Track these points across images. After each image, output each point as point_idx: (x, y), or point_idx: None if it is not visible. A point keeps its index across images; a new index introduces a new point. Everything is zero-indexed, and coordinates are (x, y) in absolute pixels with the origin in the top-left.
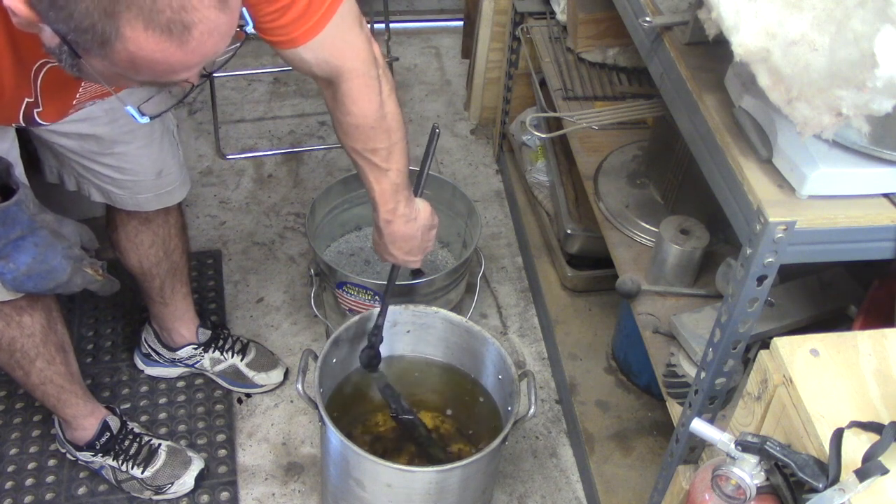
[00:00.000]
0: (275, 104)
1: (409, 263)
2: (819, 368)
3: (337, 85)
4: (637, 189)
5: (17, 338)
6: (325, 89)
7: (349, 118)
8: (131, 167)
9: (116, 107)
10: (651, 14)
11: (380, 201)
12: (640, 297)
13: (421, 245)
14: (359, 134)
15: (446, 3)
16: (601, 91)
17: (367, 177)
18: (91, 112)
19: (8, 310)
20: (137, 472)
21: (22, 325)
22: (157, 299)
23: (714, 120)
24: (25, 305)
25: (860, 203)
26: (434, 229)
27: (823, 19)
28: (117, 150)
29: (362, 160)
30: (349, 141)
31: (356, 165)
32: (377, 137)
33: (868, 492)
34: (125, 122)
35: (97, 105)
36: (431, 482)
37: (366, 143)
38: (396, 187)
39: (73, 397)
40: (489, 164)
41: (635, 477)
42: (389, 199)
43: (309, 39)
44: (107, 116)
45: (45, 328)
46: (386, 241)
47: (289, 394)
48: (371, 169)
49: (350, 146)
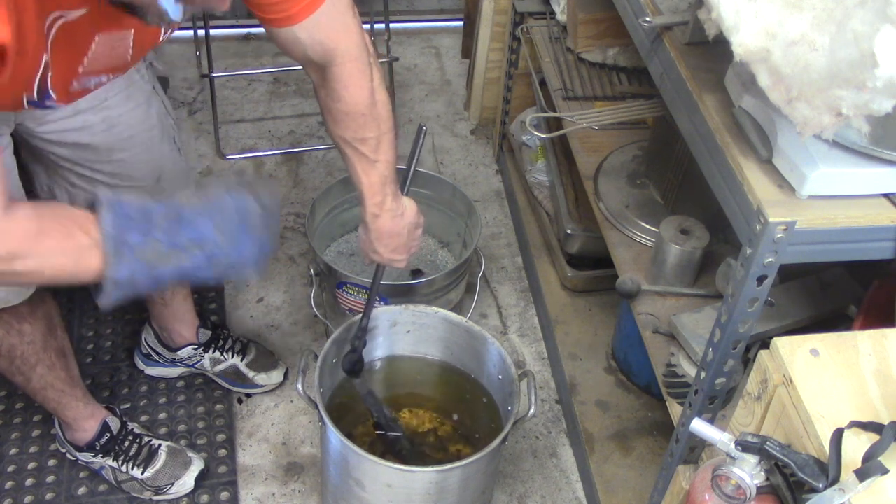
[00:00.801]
0: (275, 104)
1: (394, 263)
2: (819, 368)
3: (329, 69)
4: (637, 189)
5: (16, 345)
6: (317, 76)
7: (340, 105)
8: (129, 173)
9: (113, 115)
10: (651, 14)
11: (368, 194)
12: (640, 297)
13: (407, 243)
14: (349, 122)
15: (446, 3)
16: (601, 91)
17: (355, 168)
18: (87, 120)
19: (7, 317)
20: (137, 473)
21: (22, 333)
22: (158, 300)
23: (714, 120)
24: (26, 313)
25: (860, 203)
26: (420, 228)
27: (823, 19)
28: (115, 157)
29: (351, 150)
30: (339, 130)
31: (345, 157)
32: (367, 126)
33: (868, 492)
34: (122, 129)
35: (93, 113)
36: (431, 482)
37: (356, 131)
38: (385, 180)
39: (74, 400)
40: (489, 164)
41: (635, 477)
42: (377, 192)
43: (306, 16)
44: (103, 124)
45: (45, 335)
46: (372, 238)
47: (289, 394)
48: (360, 160)
49: (340, 135)
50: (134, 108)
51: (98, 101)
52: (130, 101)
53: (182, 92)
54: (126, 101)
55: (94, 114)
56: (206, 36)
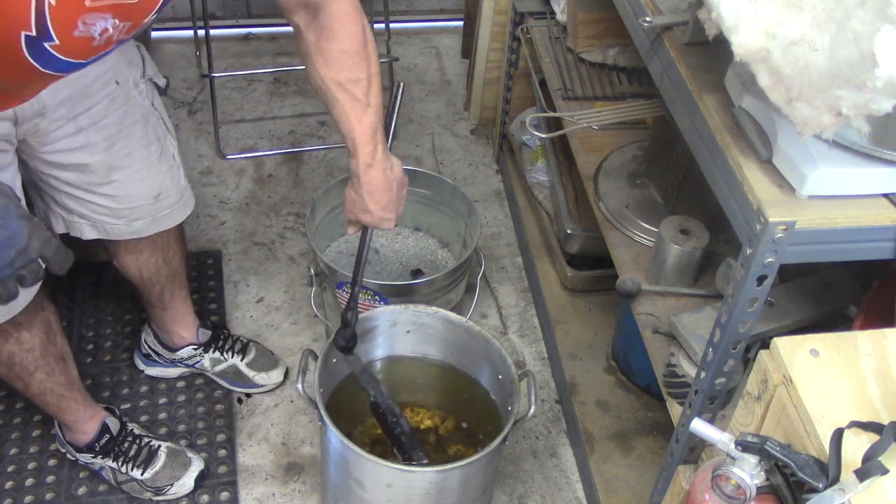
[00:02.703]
0: (275, 104)
1: (383, 223)
2: (819, 368)
3: (324, 8)
4: (637, 189)
5: (15, 353)
6: (306, 18)
7: (336, 43)
8: (128, 194)
9: (112, 132)
10: (651, 14)
11: (360, 143)
12: (640, 297)
13: (396, 201)
14: (345, 60)
15: (446, 3)
16: (601, 91)
17: (347, 115)
18: (88, 139)
19: (6, 326)
20: (137, 474)
21: (21, 341)
22: (157, 304)
23: (714, 120)
24: (24, 322)
25: (860, 203)
26: (406, 187)
27: (823, 19)
28: (115, 178)
29: (344, 94)
30: (332, 72)
31: (335, 104)
32: (361, 65)
33: (868, 492)
34: (122, 146)
35: (95, 132)
36: (431, 482)
37: (350, 71)
38: (376, 127)
39: (73, 404)
40: (489, 164)
41: (635, 477)
42: (369, 141)
43: None
44: (104, 143)
45: (44, 342)
46: (364, 193)
47: (289, 394)
48: (352, 104)
49: (333, 78)
50: (132, 125)
51: (98, 118)
52: (128, 117)
53: (182, 92)
54: (124, 118)
55: (95, 132)
56: (206, 36)
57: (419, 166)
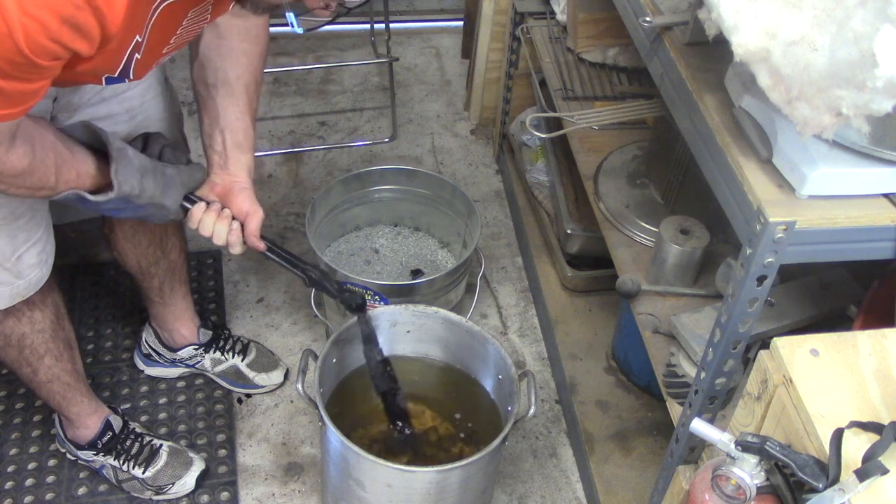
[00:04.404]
0: (275, 104)
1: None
2: (819, 368)
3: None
4: (637, 189)
5: (27, 334)
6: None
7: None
8: None
9: (135, 104)
10: (651, 14)
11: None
12: (640, 297)
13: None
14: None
15: (446, 3)
16: (601, 91)
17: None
18: (111, 110)
19: (20, 304)
20: (139, 472)
21: (33, 321)
22: (157, 299)
23: (714, 120)
24: (37, 300)
25: (860, 203)
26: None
27: (823, 19)
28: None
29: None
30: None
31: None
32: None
33: (868, 492)
34: (141, 120)
35: (117, 103)
36: (431, 482)
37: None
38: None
39: (79, 395)
40: (489, 164)
41: (635, 477)
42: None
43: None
44: (126, 114)
45: (54, 324)
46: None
47: (289, 394)
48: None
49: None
50: (152, 99)
51: (121, 91)
52: (149, 91)
53: (182, 92)
54: (146, 92)
55: (117, 103)
56: None
57: (419, 166)
